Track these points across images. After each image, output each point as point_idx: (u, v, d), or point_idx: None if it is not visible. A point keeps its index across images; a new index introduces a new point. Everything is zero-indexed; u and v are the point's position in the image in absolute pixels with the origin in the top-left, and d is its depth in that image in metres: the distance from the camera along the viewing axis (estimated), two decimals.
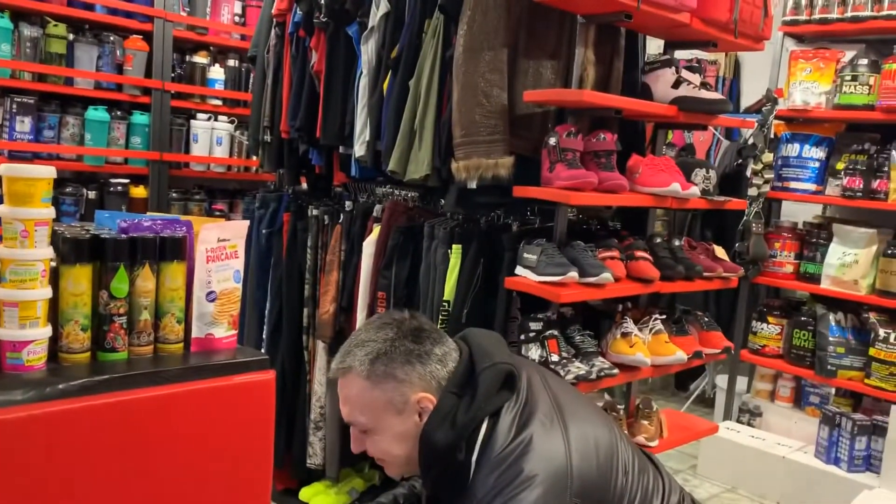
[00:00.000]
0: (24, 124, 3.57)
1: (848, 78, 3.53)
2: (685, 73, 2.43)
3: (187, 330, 1.61)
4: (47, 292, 1.42)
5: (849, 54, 3.70)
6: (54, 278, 1.46)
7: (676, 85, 2.38)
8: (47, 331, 1.43)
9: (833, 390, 3.68)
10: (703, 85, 2.43)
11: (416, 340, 1.41)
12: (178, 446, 1.49)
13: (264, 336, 3.08)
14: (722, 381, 4.24)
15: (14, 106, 3.55)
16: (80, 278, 1.45)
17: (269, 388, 1.61)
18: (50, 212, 1.43)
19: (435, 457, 1.35)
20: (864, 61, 3.51)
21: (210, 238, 1.60)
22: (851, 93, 3.52)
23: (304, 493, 2.96)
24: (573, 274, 2.09)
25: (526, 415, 1.36)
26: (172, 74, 4.05)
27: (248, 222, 1.74)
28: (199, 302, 1.60)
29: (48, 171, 1.42)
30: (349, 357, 1.43)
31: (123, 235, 1.51)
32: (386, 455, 1.45)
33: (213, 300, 1.61)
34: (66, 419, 1.34)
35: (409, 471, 1.46)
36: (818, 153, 3.74)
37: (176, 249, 1.56)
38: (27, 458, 1.30)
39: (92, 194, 3.82)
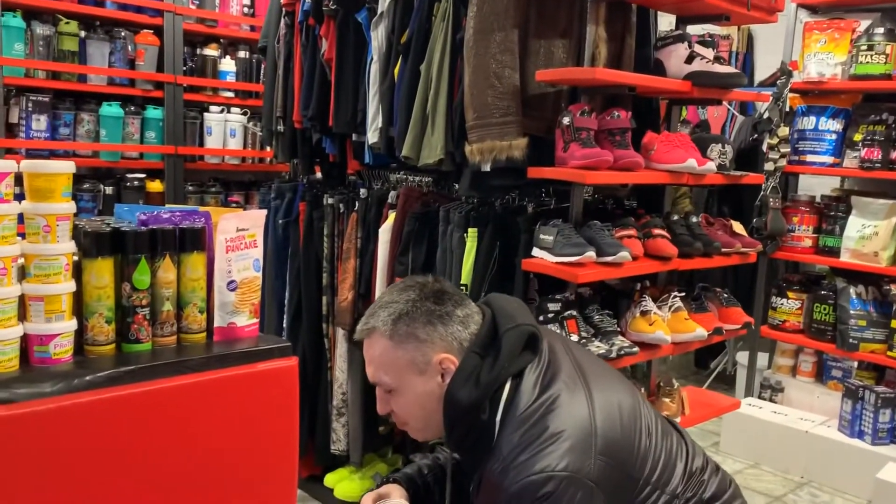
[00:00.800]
0: (39, 122, 3.61)
1: (864, 48, 3.49)
2: (698, 48, 2.41)
3: (209, 319, 1.62)
4: (71, 286, 1.44)
5: (864, 23, 3.65)
6: (77, 272, 1.48)
7: (690, 60, 2.36)
8: (73, 324, 1.45)
9: (855, 364, 3.66)
10: (717, 59, 2.40)
11: (438, 302, 1.42)
12: (204, 434, 1.51)
13: (284, 325, 3.10)
14: (742, 357, 4.22)
15: (29, 105, 3.58)
16: (102, 271, 1.47)
17: (292, 375, 1.62)
18: (71, 206, 1.44)
19: (458, 416, 1.37)
20: (881, 30, 3.46)
21: (229, 228, 1.61)
22: (868, 62, 3.48)
23: (329, 479, 2.99)
24: (590, 254, 2.09)
25: (549, 376, 1.38)
26: (184, 68, 4.06)
27: (265, 211, 1.75)
28: (220, 291, 1.61)
29: (68, 167, 1.44)
30: (373, 318, 1.46)
31: (143, 228, 1.53)
32: (409, 416, 1.47)
33: (234, 289, 1.62)
34: (94, 410, 1.36)
35: (432, 434, 1.47)
36: (835, 125, 3.70)
37: (196, 240, 1.57)
38: (57, 448, 1.32)
39: (109, 190, 3.86)
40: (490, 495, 1.33)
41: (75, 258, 1.48)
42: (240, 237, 1.63)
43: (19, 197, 1.42)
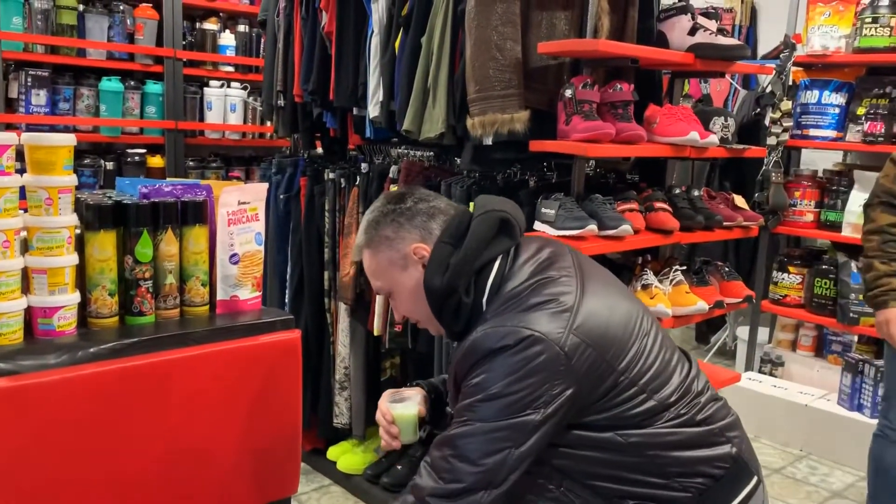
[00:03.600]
0: (39, 97, 3.59)
1: (868, 20, 3.45)
2: (701, 20, 2.39)
3: (212, 292, 1.63)
4: (74, 259, 1.45)
5: None
6: (80, 245, 1.48)
7: (693, 32, 2.34)
8: (76, 297, 1.46)
9: (855, 338, 3.67)
10: (720, 31, 2.39)
11: (399, 201, 1.52)
12: (208, 406, 1.53)
13: (286, 300, 3.11)
14: (743, 332, 4.23)
15: (29, 79, 3.57)
16: (104, 244, 1.47)
17: (295, 347, 1.63)
18: (72, 179, 1.45)
19: (437, 301, 1.44)
20: (885, 2, 3.42)
21: (231, 201, 1.61)
22: (872, 35, 3.45)
23: (332, 452, 3.01)
24: (592, 227, 2.09)
25: (545, 265, 1.43)
26: (183, 42, 4.04)
27: (266, 185, 1.74)
28: (222, 264, 1.62)
29: (68, 139, 1.44)
30: (357, 238, 1.56)
31: (145, 201, 1.53)
32: (412, 312, 1.55)
33: (236, 262, 1.63)
34: (98, 382, 1.38)
35: (440, 328, 1.52)
36: (838, 99, 3.68)
37: (197, 213, 1.58)
38: (61, 419, 1.34)
39: (110, 165, 3.85)
40: (458, 353, 1.38)
41: (77, 231, 1.48)
42: (241, 210, 1.63)
43: (22, 174, 1.42)
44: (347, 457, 2.95)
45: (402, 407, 1.58)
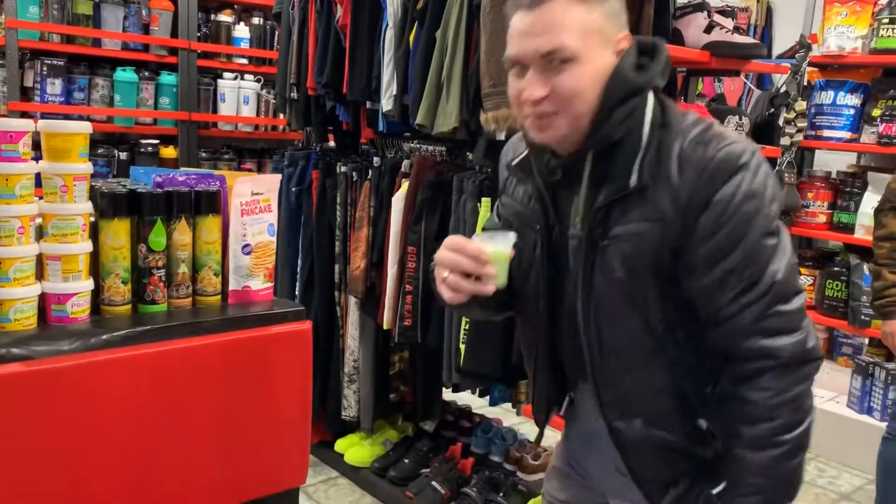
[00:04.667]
0: (54, 86, 3.61)
1: (885, 21, 3.43)
2: (718, 17, 2.38)
3: (224, 282, 1.64)
4: (88, 246, 1.46)
5: None
6: (94, 233, 1.49)
7: (709, 30, 2.33)
8: (89, 284, 1.47)
9: (866, 340, 3.66)
10: (737, 29, 2.37)
11: None
12: (218, 395, 1.53)
13: (297, 293, 3.12)
14: None
15: (44, 68, 3.58)
16: (118, 232, 1.48)
17: (306, 338, 1.64)
18: (87, 167, 1.45)
19: (620, 96, 1.26)
20: None
21: (244, 191, 1.62)
22: (889, 36, 3.42)
23: (340, 444, 3.03)
24: None
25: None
26: (198, 34, 4.04)
27: (279, 176, 1.75)
28: (234, 255, 1.62)
29: (84, 127, 1.45)
30: None
31: (160, 190, 1.54)
32: (576, 94, 1.26)
33: (248, 253, 1.63)
34: (110, 368, 1.38)
35: (579, 128, 1.28)
36: (853, 100, 3.66)
37: (211, 203, 1.58)
38: (73, 404, 1.35)
39: (123, 155, 3.86)
40: (685, 172, 1.23)
41: (92, 219, 1.49)
42: (255, 201, 1.64)
43: (38, 161, 1.43)
44: (355, 450, 2.97)
45: (495, 244, 1.25)
